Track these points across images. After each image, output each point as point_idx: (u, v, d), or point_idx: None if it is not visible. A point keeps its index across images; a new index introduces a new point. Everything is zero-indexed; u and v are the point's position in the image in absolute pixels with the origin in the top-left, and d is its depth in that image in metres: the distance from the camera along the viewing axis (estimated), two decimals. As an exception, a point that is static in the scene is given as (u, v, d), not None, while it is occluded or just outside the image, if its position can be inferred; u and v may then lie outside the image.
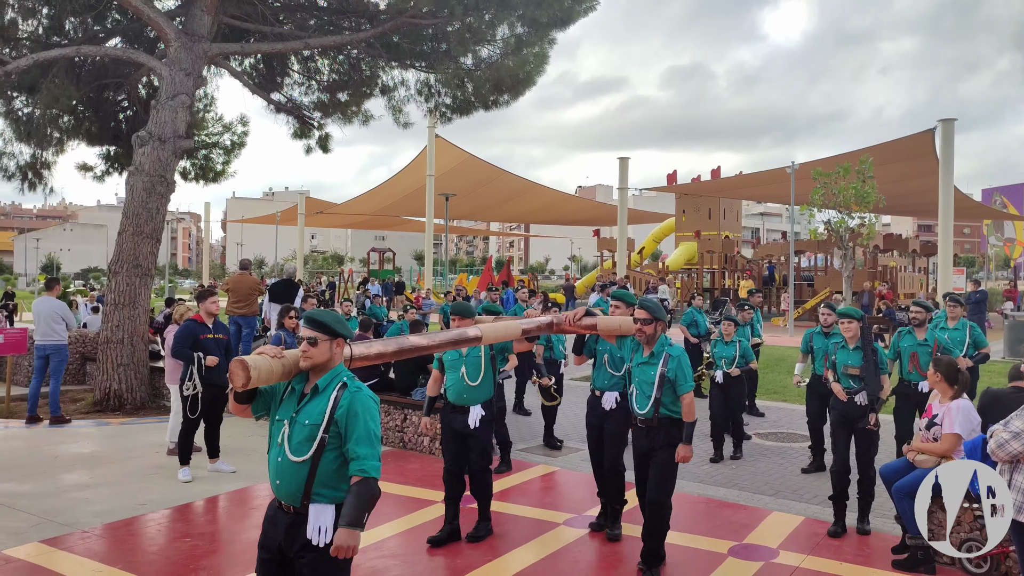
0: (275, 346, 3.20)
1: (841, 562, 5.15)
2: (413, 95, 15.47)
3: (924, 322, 7.15)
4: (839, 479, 5.83)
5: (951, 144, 19.66)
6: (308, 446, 3.08)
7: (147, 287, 11.54)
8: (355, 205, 36.83)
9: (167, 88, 12.24)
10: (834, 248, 25.89)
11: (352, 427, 3.09)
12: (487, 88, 14.50)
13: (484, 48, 14.50)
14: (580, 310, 5.23)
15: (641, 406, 4.99)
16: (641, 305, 5.02)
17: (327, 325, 3.20)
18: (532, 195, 37.25)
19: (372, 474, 3.05)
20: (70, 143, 15.59)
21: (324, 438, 3.08)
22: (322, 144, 16.74)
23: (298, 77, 16.73)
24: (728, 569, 5.02)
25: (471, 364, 5.53)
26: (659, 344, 4.99)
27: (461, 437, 5.56)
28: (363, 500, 3.01)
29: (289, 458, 3.10)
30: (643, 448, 5.03)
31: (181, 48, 12.38)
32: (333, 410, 3.10)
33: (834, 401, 6.04)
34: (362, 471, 3.04)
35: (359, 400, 3.13)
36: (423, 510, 6.14)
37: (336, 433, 3.10)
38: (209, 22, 12.84)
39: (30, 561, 5.06)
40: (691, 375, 4.98)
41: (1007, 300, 24.00)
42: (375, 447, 3.10)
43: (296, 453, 3.10)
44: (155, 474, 7.14)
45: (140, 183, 11.73)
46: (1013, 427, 3.83)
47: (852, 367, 5.88)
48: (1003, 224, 57.22)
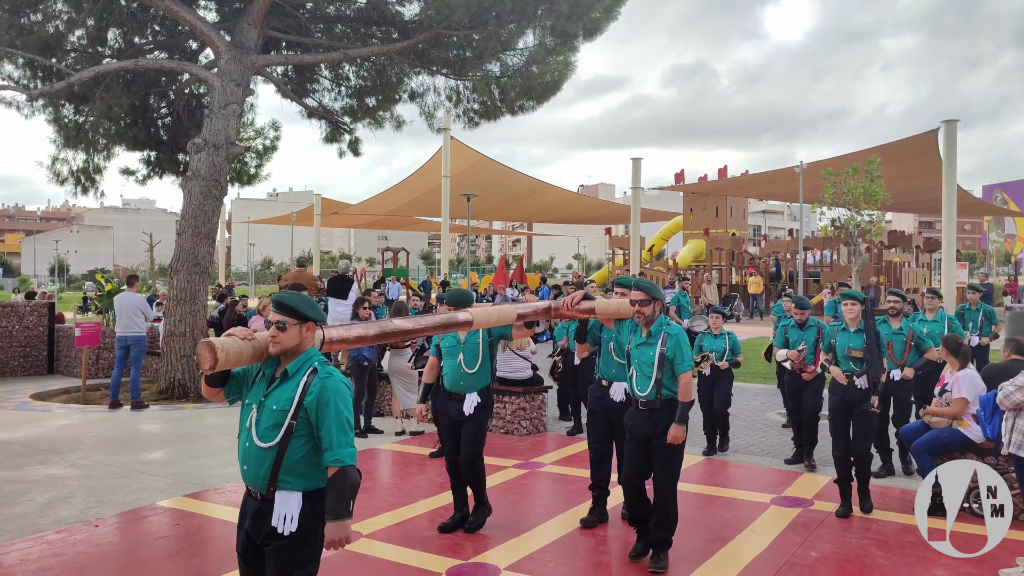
0: (245, 328, 3.16)
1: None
2: (443, 101, 16.26)
3: (900, 312, 7.28)
4: (842, 463, 5.90)
5: (954, 144, 20.52)
6: (275, 432, 3.03)
7: (205, 284, 12.36)
8: (370, 206, 37.69)
9: (219, 98, 13.03)
10: (840, 244, 26.70)
11: (323, 415, 3.03)
12: (515, 94, 15.29)
13: (510, 56, 15.31)
14: (578, 294, 5.14)
15: (642, 388, 4.90)
16: (638, 286, 4.94)
17: (296, 309, 3.12)
18: (542, 195, 38.06)
19: (348, 462, 3.00)
20: (115, 149, 16.42)
21: (292, 424, 3.03)
22: (353, 148, 17.49)
23: (327, 83, 17.50)
24: (772, 514, 5.84)
25: (469, 351, 5.47)
26: (657, 324, 4.90)
27: (457, 425, 5.52)
28: (344, 490, 2.98)
29: (256, 443, 3.06)
30: (644, 432, 4.90)
31: (231, 60, 13.18)
32: (302, 396, 3.04)
33: (833, 385, 6.03)
34: (338, 461, 2.99)
35: (330, 387, 3.06)
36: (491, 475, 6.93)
37: (305, 419, 3.05)
38: (255, 35, 13.65)
39: (182, 509, 5.98)
40: (690, 354, 4.90)
41: (1006, 294, 24.84)
42: (348, 434, 3.05)
43: (263, 439, 3.05)
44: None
45: (197, 187, 12.53)
46: (1017, 382, 4.74)
47: (855, 350, 5.87)
48: (1004, 220, 57.96)
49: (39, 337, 14.14)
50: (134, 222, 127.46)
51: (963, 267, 22.44)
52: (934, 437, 5.92)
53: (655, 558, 4.85)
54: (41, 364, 14.03)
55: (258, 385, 3.17)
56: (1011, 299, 22.42)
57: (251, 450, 3.07)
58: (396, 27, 16.01)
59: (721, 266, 32.80)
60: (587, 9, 12.50)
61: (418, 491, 6.46)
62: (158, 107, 16.93)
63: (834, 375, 5.98)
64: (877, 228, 16.90)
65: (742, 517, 5.79)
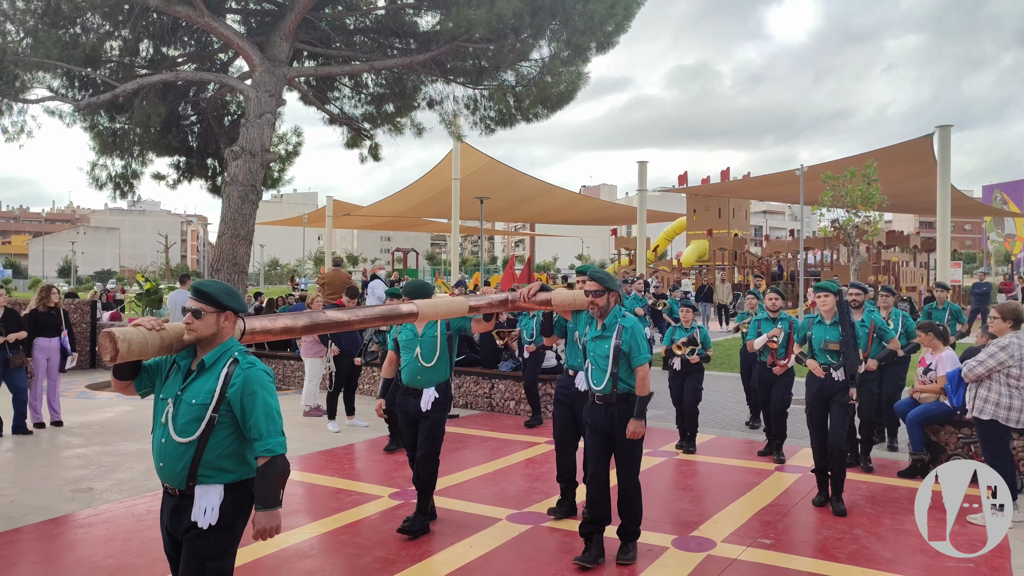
0: (154, 318, 3.08)
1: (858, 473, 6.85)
2: (461, 108, 17.09)
3: (862, 304, 7.29)
4: (819, 455, 5.94)
5: (948, 148, 21.35)
6: (195, 426, 2.94)
7: (243, 283, 13.21)
8: (380, 207, 38.58)
9: (254, 108, 13.88)
10: (840, 245, 27.54)
11: (250, 406, 2.96)
12: (529, 103, 16.11)
13: (525, 66, 16.13)
14: (535, 285, 4.96)
15: (598, 382, 4.79)
16: (592, 276, 4.85)
17: (213, 297, 3.04)
18: (549, 196, 38.90)
19: (278, 451, 2.95)
20: (149, 155, 17.27)
21: (214, 418, 2.95)
22: (373, 153, 18.30)
23: (347, 91, 18.33)
24: (777, 477, 6.69)
25: (426, 345, 5.37)
26: (612, 316, 4.79)
27: (416, 421, 5.44)
28: (274, 480, 2.93)
29: (174, 439, 2.96)
30: (604, 428, 4.80)
31: (265, 72, 14.03)
32: (224, 388, 2.96)
33: (810, 378, 6.05)
34: (268, 451, 2.94)
35: (253, 377, 2.99)
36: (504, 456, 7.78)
37: (228, 412, 2.97)
38: (286, 48, 14.50)
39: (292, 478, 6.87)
40: (646, 347, 4.78)
41: (1001, 292, 25.66)
42: (276, 423, 2.99)
43: (182, 434, 2.95)
44: (306, 427, 8.93)
45: (235, 192, 13.38)
46: (979, 358, 5.60)
47: (832, 342, 5.89)
48: (1003, 220, 58.72)
49: (83, 334, 14.99)
50: (139, 223, 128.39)
51: (957, 266, 23.27)
52: (924, 410, 6.80)
53: (623, 549, 4.82)
54: (85, 359, 14.87)
55: (173, 378, 3.06)
56: (1006, 297, 23.29)
57: (168, 446, 2.97)
58: (414, 37, 16.87)
59: (724, 266, 33.61)
60: (600, 24, 13.33)
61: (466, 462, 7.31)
62: (188, 115, 17.80)
63: (811, 368, 5.98)
64: (874, 229, 17.73)
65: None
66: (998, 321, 5.69)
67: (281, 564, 4.83)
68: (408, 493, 6.25)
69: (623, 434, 4.70)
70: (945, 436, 6.78)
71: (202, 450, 2.94)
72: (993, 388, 5.55)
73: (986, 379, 5.56)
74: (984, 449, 5.62)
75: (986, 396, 5.55)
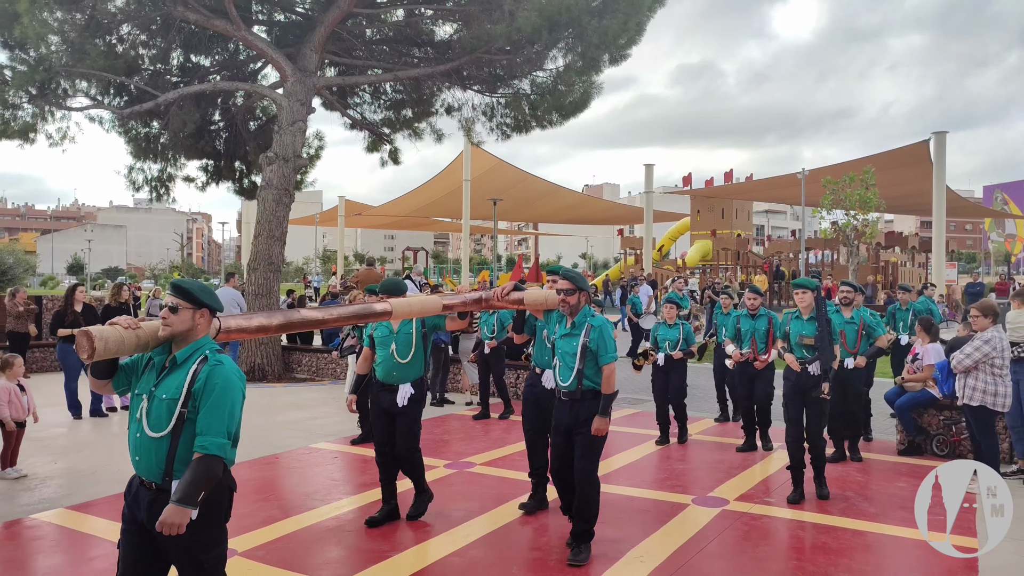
0: (130, 317, 3.10)
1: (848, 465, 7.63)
2: (478, 115, 17.91)
3: (852, 302, 7.43)
4: (795, 448, 6.05)
5: (943, 153, 22.23)
6: (167, 421, 2.98)
7: (278, 280, 14.06)
8: (390, 207, 39.45)
9: (287, 116, 14.71)
10: (840, 245, 28.39)
11: (205, 401, 2.98)
12: (544, 110, 16.95)
13: (540, 75, 16.96)
14: (508, 284, 5.09)
15: (564, 378, 4.89)
16: (564, 275, 4.95)
17: (191, 293, 3.09)
18: (556, 196, 39.73)
19: (212, 451, 2.94)
20: (181, 159, 18.13)
21: (183, 413, 2.97)
22: (393, 157, 19.11)
23: (367, 97, 19.16)
24: (779, 454, 7.46)
25: (402, 341, 5.43)
26: (581, 315, 4.90)
27: (390, 417, 5.47)
28: (198, 478, 2.90)
29: (147, 434, 3.00)
30: (567, 423, 4.90)
31: (296, 82, 14.86)
32: (191, 384, 2.99)
33: (787, 372, 6.19)
34: (203, 448, 2.93)
35: (218, 374, 3.01)
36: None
37: (195, 408, 2.99)
38: (316, 60, 15.34)
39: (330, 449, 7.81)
40: (613, 346, 4.87)
41: (992, 291, 26.51)
42: (222, 423, 2.97)
43: (154, 428, 2.99)
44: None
45: (270, 195, 14.23)
46: (966, 350, 6.41)
47: (807, 337, 6.06)
48: (1004, 220, 59.43)
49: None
50: (145, 221, 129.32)
51: (952, 267, 24.18)
52: (912, 398, 7.58)
53: (575, 551, 4.80)
54: (124, 352, 15.74)
55: (147, 375, 3.10)
56: (994, 297, 24.15)
57: (142, 440, 3.02)
58: (431, 45, 17.71)
59: (727, 265, 34.46)
60: (614, 39, 14.16)
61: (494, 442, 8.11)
62: (216, 121, 18.66)
63: (788, 362, 6.15)
64: (872, 231, 18.59)
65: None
66: (979, 319, 6.46)
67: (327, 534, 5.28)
68: (459, 464, 7.09)
69: (584, 430, 4.79)
70: (928, 419, 7.61)
71: (175, 445, 2.98)
72: (980, 377, 6.33)
73: (973, 369, 6.37)
74: (976, 431, 6.50)
75: (974, 385, 6.37)
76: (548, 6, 13.83)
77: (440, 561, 4.89)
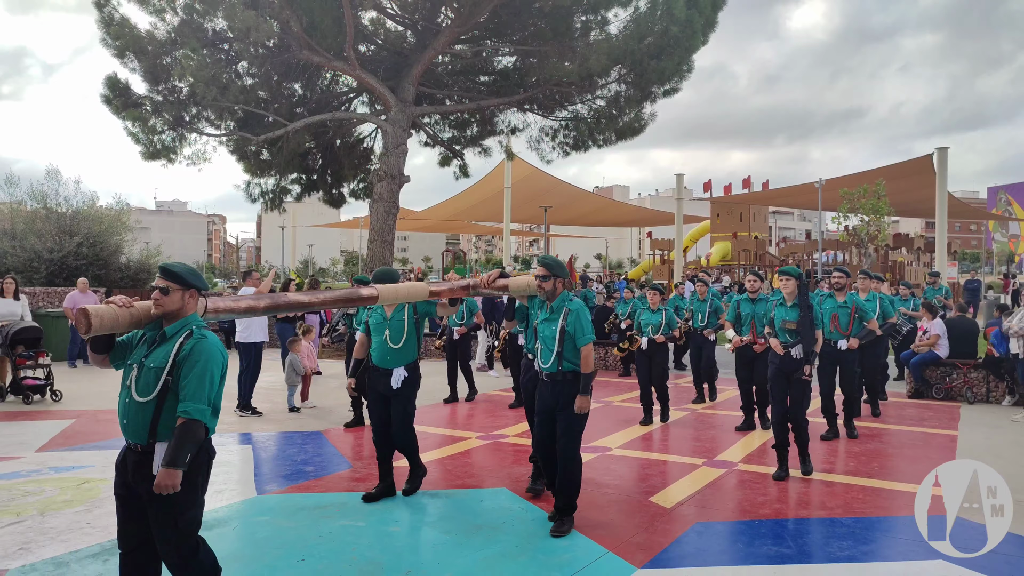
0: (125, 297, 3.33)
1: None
2: (542, 135, 20.60)
3: (844, 287, 7.69)
4: (779, 428, 6.25)
5: (945, 166, 25.29)
6: (153, 387, 3.22)
7: (390, 278, 16.92)
8: (433, 212, 42.37)
9: (392, 140, 17.52)
10: (852, 247, 31.24)
11: (187, 370, 3.21)
12: (602, 131, 19.63)
13: (597, 102, 19.67)
14: (495, 272, 5.29)
15: (545, 360, 5.10)
16: (541, 262, 5.17)
17: (180, 276, 3.32)
18: (584, 200, 42.54)
19: (194, 416, 3.16)
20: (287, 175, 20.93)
21: (168, 380, 3.22)
22: (463, 170, 21.81)
23: (437, 118, 21.93)
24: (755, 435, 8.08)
25: (394, 327, 5.63)
26: (559, 300, 5.10)
27: (385, 399, 5.71)
28: (183, 442, 3.13)
29: (135, 399, 3.24)
30: (549, 404, 5.13)
31: (399, 111, 17.68)
32: (177, 354, 3.23)
33: (771, 355, 6.38)
34: (185, 413, 3.16)
35: (201, 346, 3.26)
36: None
37: (179, 376, 3.22)
38: (413, 92, 18.16)
39: None
40: (590, 328, 5.05)
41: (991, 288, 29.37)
42: (203, 391, 3.20)
43: (141, 394, 3.23)
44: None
45: (381, 208, 17.08)
46: (1016, 317, 9.29)
47: (789, 322, 6.23)
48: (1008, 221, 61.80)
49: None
50: (168, 223, 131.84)
51: (953, 265, 27.07)
52: (921, 357, 10.32)
53: (559, 523, 5.00)
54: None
55: (140, 347, 3.36)
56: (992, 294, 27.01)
57: (131, 405, 3.26)
58: (495, 74, 20.45)
59: (746, 265, 37.28)
60: (669, 77, 16.95)
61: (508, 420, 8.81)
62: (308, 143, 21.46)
63: (772, 345, 6.37)
64: (883, 235, 21.43)
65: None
66: None
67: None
68: (490, 436, 7.86)
69: (566, 409, 5.02)
70: (930, 372, 10.38)
71: (160, 410, 3.22)
72: None
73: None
74: None
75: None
76: (614, 50, 16.57)
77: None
